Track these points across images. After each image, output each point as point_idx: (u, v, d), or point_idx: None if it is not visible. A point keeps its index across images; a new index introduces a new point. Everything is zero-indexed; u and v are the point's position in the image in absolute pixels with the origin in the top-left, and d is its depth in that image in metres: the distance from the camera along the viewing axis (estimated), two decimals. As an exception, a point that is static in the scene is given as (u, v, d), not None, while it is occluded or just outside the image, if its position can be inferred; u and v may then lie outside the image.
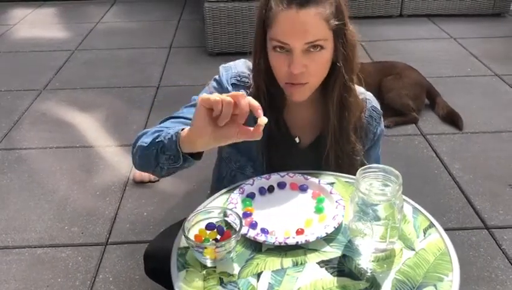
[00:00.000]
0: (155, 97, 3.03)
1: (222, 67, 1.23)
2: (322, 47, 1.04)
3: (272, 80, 1.12)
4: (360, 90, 1.21)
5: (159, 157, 1.03)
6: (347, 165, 1.18)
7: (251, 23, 3.46)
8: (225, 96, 0.87)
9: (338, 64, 1.09)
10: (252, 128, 0.91)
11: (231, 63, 1.23)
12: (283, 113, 1.19)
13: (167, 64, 3.52)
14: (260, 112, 0.89)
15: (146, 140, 1.06)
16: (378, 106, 1.27)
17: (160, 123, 1.17)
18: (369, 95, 1.25)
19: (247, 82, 1.18)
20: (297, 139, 1.22)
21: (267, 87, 1.14)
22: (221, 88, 1.19)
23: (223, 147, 1.25)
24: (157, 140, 1.03)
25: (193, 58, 3.61)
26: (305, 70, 1.05)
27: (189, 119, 1.14)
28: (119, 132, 2.64)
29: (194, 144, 0.95)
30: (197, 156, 1.01)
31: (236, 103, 0.87)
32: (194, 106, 1.18)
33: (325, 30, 1.04)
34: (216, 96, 0.88)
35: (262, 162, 1.20)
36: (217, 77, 1.22)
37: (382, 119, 1.28)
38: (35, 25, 4.38)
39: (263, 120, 0.90)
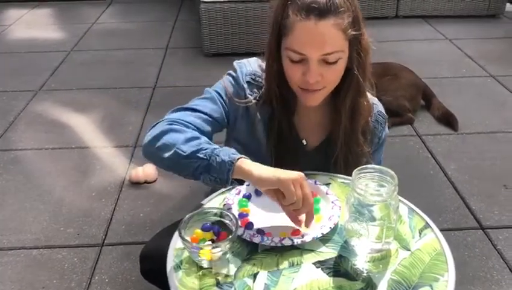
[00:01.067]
0: (151, 98, 3.02)
1: (236, 64, 1.22)
2: (338, 59, 1.05)
3: (284, 83, 1.13)
4: (368, 95, 1.22)
5: (200, 174, 1.02)
6: (355, 167, 1.19)
7: (247, 24, 3.47)
8: (302, 198, 0.95)
9: (354, 71, 1.10)
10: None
11: (244, 60, 1.23)
12: (293, 115, 1.20)
13: (163, 65, 3.51)
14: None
15: (184, 148, 1.03)
16: (384, 111, 1.28)
17: (173, 112, 1.15)
18: (375, 100, 1.26)
19: (261, 82, 1.18)
20: (304, 142, 1.22)
21: (279, 89, 1.14)
22: (237, 85, 1.19)
23: (230, 142, 1.25)
24: (200, 155, 1.01)
25: (189, 59, 3.60)
26: (320, 79, 1.06)
27: (206, 113, 1.15)
28: (115, 133, 2.64)
29: (249, 180, 0.99)
30: None
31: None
32: (208, 99, 1.19)
33: (343, 41, 1.04)
34: (298, 197, 0.94)
35: (271, 163, 1.19)
36: (232, 72, 1.21)
37: (387, 123, 1.30)
38: (31, 26, 4.37)
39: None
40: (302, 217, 0.99)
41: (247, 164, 0.99)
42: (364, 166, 0.92)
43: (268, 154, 1.19)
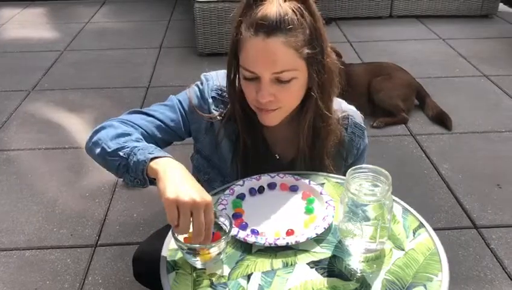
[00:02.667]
0: (145, 98, 3.01)
1: (204, 76, 1.19)
2: (291, 78, 1.00)
3: (246, 100, 1.09)
4: (342, 106, 1.19)
5: (122, 173, 1.01)
6: None
7: (241, 24, 3.46)
8: (185, 224, 0.85)
9: (313, 93, 1.05)
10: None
11: (213, 73, 1.19)
12: (262, 131, 1.16)
13: (157, 65, 3.50)
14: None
15: (110, 144, 1.02)
16: (362, 122, 1.23)
17: (128, 114, 1.14)
18: (352, 111, 1.21)
19: (227, 97, 1.15)
20: (277, 156, 1.20)
21: (242, 107, 1.11)
22: (202, 99, 1.16)
23: (194, 154, 1.23)
24: (121, 153, 0.99)
25: (183, 59, 3.60)
26: (273, 99, 1.02)
27: (160, 120, 1.14)
28: (109, 133, 2.63)
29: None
30: None
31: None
32: (168, 106, 1.17)
33: (295, 59, 0.99)
34: (182, 223, 0.85)
35: (237, 178, 1.16)
36: (199, 84, 1.18)
37: (366, 134, 1.25)
38: (24, 25, 4.34)
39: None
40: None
41: (160, 165, 0.92)
42: (358, 166, 0.91)
43: (233, 169, 1.17)
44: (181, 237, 0.90)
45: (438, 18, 4.31)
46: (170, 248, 0.95)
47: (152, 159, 0.95)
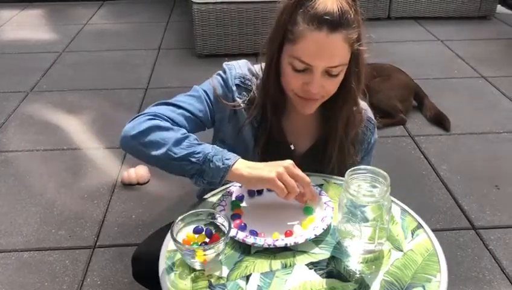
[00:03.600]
0: (143, 99, 3.01)
1: (226, 65, 1.21)
2: (340, 72, 1.05)
3: (278, 87, 1.12)
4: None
5: (192, 176, 1.03)
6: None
7: (240, 25, 3.47)
8: (294, 187, 0.99)
9: (352, 85, 1.10)
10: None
11: (234, 62, 1.21)
12: (282, 120, 1.19)
13: (156, 66, 3.50)
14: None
15: (175, 150, 1.03)
16: (373, 116, 1.27)
17: (156, 106, 1.14)
18: (364, 105, 1.25)
19: (250, 85, 1.17)
20: (292, 146, 1.21)
21: (275, 95, 1.14)
22: (226, 87, 1.18)
23: (216, 143, 1.24)
24: (194, 159, 1.01)
25: (182, 60, 3.60)
26: (321, 90, 1.06)
27: (190, 111, 1.14)
28: (107, 134, 2.63)
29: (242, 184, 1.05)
30: None
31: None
32: (195, 97, 1.17)
33: (348, 54, 1.04)
34: (290, 187, 0.99)
35: None
36: (221, 73, 1.20)
37: (376, 129, 1.29)
38: (22, 27, 4.34)
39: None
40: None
41: (239, 169, 1.01)
42: (356, 167, 0.92)
43: (254, 157, 1.18)
44: (180, 239, 0.90)
45: (436, 19, 4.31)
46: (169, 249, 0.95)
47: (232, 165, 1.01)
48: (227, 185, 1.11)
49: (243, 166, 1.01)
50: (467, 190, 2.21)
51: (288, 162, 1.00)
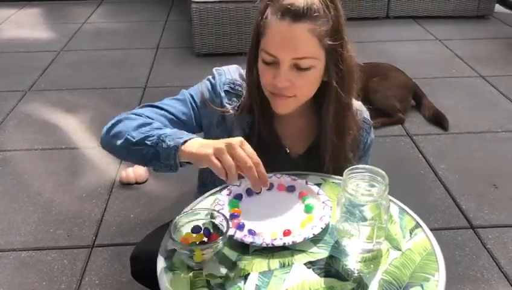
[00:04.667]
0: (142, 98, 3.01)
1: (215, 70, 1.20)
2: (310, 66, 1.02)
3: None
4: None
5: (150, 161, 1.01)
6: None
7: (238, 24, 3.46)
8: (230, 166, 0.90)
9: (332, 83, 1.07)
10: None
11: (224, 68, 1.20)
12: (274, 123, 1.18)
13: (154, 65, 3.50)
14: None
15: (134, 134, 1.03)
16: (369, 116, 1.26)
17: (140, 108, 1.14)
18: (359, 105, 1.24)
19: (240, 91, 1.17)
20: (287, 150, 1.21)
21: (260, 96, 1.12)
22: (214, 92, 1.17)
23: None
24: (148, 142, 1.00)
25: (180, 59, 3.59)
26: (290, 85, 1.04)
27: (172, 113, 1.14)
28: (106, 134, 2.62)
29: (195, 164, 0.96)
30: None
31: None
32: (180, 100, 1.18)
33: (317, 48, 1.02)
34: (227, 166, 0.90)
35: None
36: (211, 78, 1.20)
37: (372, 129, 1.28)
38: (20, 26, 4.33)
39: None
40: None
41: (190, 146, 0.95)
42: (355, 166, 0.92)
43: None
44: (178, 238, 0.90)
45: (434, 19, 4.32)
46: (167, 248, 0.95)
47: (183, 143, 0.96)
48: (226, 185, 1.11)
49: (195, 144, 0.96)
50: (465, 189, 2.22)
51: (236, 140, 0.92)
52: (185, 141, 0.97)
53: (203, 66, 3.33)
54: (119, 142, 1.05)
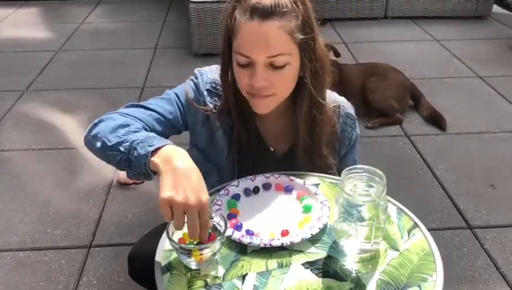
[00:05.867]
0: (140, 98, 3.01)
1: (197, 71, 1.21)
2: (285, 64, 1.01)
3: (237, 89, 1.10)
4: (332, 97, 1.19)
5: (124, 167, 1.00)
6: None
7: (236, 24, 3.46)
8: (180, 222, 0.85)
9: (306, 80, 1.07)
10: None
11: (206, 68, 1.21)
12: (255, 122, 1.17)
13: (152, 65, 3.50)
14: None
15: (110, 138, 1.01)
16: (353, 112, 1.24)
17: (126, 107, 1.13)
18: (343, 101, 1.23)
19: (221, 90, 1.16)
20: (271, 148, 1.20)
21: (236, 97, 1.11)
22: (198, 91, 1.17)
23: (190, 148, 1.23)
24: (122, 148, 0.98)
25: (178, 59, 3.59)
26: (267, 84, 1.03)
27: (159, 113, 1.14)
28: (104, 133, 2.62)
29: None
30: None
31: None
32: (165, 99, 1.18)
33: (289, 44, 1.01)
34: (176, 218, 0.84)
35: (234, 171, 1.17)
36: (194, 78, 1.20)
37: (357, 123, 1.26)
38: (18, 25, 4.32)
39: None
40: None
41: (159, 156, 0.91)
42: (353, 166, 0.92)
43: (229, 162, 1.18)
44: (176, 238, 0.89)
45: (432, 19, 4.32)
46: (165, 248, 0.95)
47: (153, 152, 0.93)
48: (224, 185, 1.11)
49: (167, 159, 0.90)
50: (463, 189, 2.22)
51: (202, 201, 0.85)
52: (156, 149, 0.93)
53: (200, 66, 3.30)
54: (98, 144, 1.04)
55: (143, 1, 4.92)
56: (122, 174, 2.22)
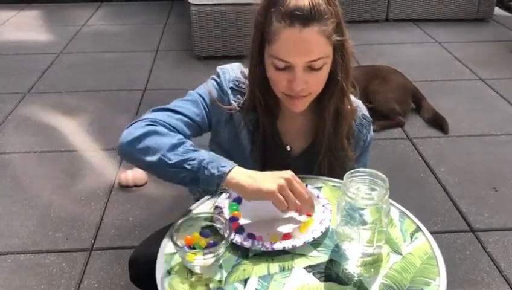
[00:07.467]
0: (141, 101, 3.01)
1: (219, 69, 1.21)
2: (323, 65, 1.04)
3: (267, 89, 1.11)
4: (351, 98, 1.21)
5: (186, 184, 1.02)
6: (339, 171, 1.18)
7: (238, 27, 3.46)
8: (294, 202, 0.96)
9: (338, 77, 1.09)
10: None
11: (227, 66, 1.21)
12: (276, 121, 1.19)
13: (153, 68, 3.50)
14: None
15: (170, 155, 1.01)
16: (368, 114, 1.27)
17: (153, 112, 1.13)
18: (359, 103, 1.25)
19: (244, 88, 1.17)
20: (288, 147, 1.21)
21: (262, 95, 1.13)
22: (221, 90, 1.18)
23: (213, 147, 1.24)
24: (188, 166, 1.00)
25: (180, 62, 3.59)
26: (306, 86, 1.05)
27: (188, 116, 1.14)
28: (105, 136, 2.62)
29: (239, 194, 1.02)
30: None
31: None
32: (191, 101, 1.17)
33: (327, 47, 1.04)
34: (291, 203, 0.96)
35: (256, 168, 1.18)
36: (216, 77, 1.20)
37: (371, 126, 1.29)
38: (20, 28, 4.33)
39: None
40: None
41: (236, 178, 0.98)
42: (355, 170, 0.91)
43: (252, 160, 1.18)
44: (179, 242, 0.89)
45: (433, 22, 4.32)
46: (166, 252, 0.94)
47: (227, 172, 0.99)
48: (224, 188, 1.11)
49: (241, 175, 0.99)
50: (465, 192, 2.21)
51: (289, 174, 0.98)
52: (229, 170, 0.99)
53: (202, 68, 3.33)
54: (149, 158, 1.03)
55: (144, 4, 4.93)
56: (124, 177, 2.22)
